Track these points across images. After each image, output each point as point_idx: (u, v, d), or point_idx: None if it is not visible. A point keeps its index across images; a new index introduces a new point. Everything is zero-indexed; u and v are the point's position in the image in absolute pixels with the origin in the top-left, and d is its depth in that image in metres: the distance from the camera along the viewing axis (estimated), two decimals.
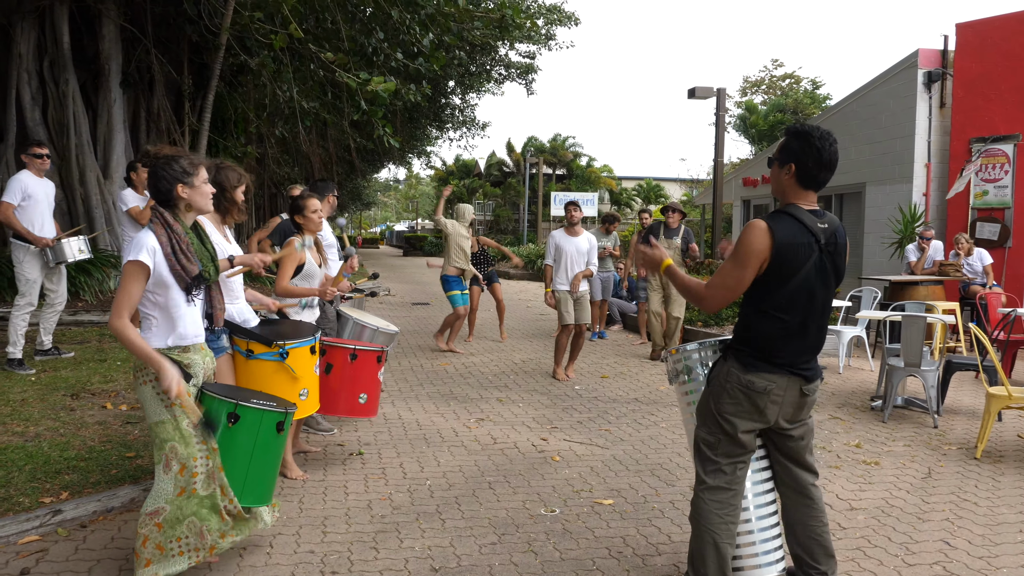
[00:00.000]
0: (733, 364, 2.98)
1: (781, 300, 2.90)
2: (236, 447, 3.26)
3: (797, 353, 2.95)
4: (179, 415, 3.07)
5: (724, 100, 14.69)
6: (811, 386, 2.98)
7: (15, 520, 3.73)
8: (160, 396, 3.06)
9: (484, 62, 24.44)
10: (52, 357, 7.12)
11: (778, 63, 50.83)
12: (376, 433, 5.79)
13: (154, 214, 3.13)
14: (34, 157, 6.76)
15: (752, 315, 2.98)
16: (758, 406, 2.94)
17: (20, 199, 6.57)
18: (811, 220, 2.91)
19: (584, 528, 4.04)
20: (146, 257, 3.00)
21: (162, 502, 3.05)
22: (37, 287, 6.77)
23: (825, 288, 2.96)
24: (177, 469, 3.06)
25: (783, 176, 2.99)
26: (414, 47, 11.22)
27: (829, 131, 2.94)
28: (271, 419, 3.36)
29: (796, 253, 2.86)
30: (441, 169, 53.46)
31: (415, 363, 8.80)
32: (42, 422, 5.23)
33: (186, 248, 3.10)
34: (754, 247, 2.86)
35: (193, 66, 12.04)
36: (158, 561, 3.02)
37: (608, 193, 43.61)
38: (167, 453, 3.07)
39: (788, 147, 2.97)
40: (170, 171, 3.12)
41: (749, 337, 2.98)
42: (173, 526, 3.04)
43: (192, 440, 3.08)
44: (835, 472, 5.01)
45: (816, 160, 2.89)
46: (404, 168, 50.20)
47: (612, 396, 7.24)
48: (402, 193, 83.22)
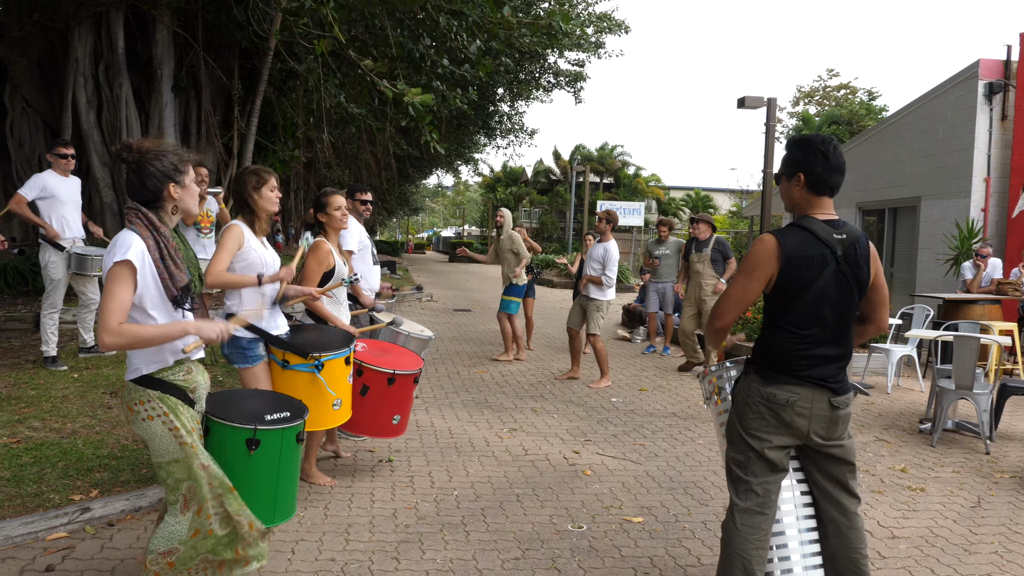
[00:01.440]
0: (753, 378, 2.90)
1: (796, 315, 2.81)
2: (260, 471, 3.07)
3: (820, 366, 2.83)
4: (191, 454, 2.78)
5: (774, 110, 14.37)
6: (840, 399, 2.85)
7: (44, 517, 3.77)
8: (172, 433, 2.76)
9: (533, 70, 24.42)
10: (95, 355, 7.25)
11: (833, 73, 49.77)
12: (408, 440, 5.75)
13: (133, 214, 2.74)
14: (59, 157, 6.88)
15: (769, 330, 2.90)
16: (783, 419, 2.83)
17: (36, 195, 6.69)
18: (825, 231, 2.81)
19: (611, 546, 3.93)
20: (134, 257, 2.62)
21: (175, 543, 2.82)
22: (62, 288, 6.89)
23: (846, 300, 2.83)
24: (195, 510, 2.82)
25: (794, 189, 2.91)
26: (461, 53, 11.23)
27: (830, 136, 2.85)
28: (291, 434, 3.18)
29: (808, 265, 2.77)
30: (488, 176, 53.63)
31: (452, 370, 8.77)
32: (79, 419, 5.32)
33: (174, 253, 2.75)
34: (760, 260, 2.80)
35: (243, 71, 12.24)
36: None
37: (656, 203, 43.22)
38: (184, 494, 2.82)
39: (792, 159, 2.90)
40: (160, 167, 2.75)
41: (767, 351, 2.89)
42: (186, 563, 2.86)
43: (203, 483, 2.81)
44: (877, 497, 4.81)
45: (824, 165, 2.82)
46: (452, 175, 50.45)
47: (649, 410, 7.10)
48: (450, 200, 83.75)
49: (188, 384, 2.85)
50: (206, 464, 2.82)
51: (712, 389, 3.29)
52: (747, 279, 2.84)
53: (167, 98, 11.18)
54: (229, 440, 2.98)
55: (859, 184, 15.67)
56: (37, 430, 5.04)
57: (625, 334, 12.18)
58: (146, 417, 2.75)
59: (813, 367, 2.82)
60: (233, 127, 12.16)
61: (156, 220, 2.74)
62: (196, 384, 2.90)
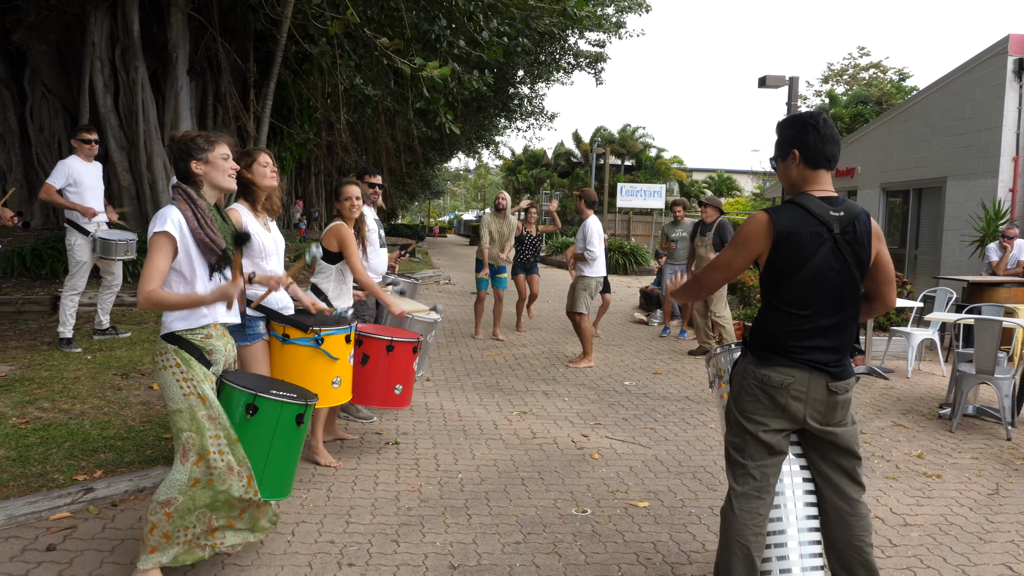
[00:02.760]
0: (749, 360, 2.84)
1: (791, 294, 2.73)
2: (254, 439, 3.14)
3: (817, 348, 2.74)
4: (196, 405, 2.99)
5: (796, 89, 14.12)
6: (839, 384, 2.76)
7: (48, 496, 3.79)
8: (180, 383, 2.99)
9: (553, 51, 24.19)
10: (109, 336, 7.30)
11: (864, 51, 48.92)
12: (415, 423, 5.73)
13: (176, 191, 3.08)
14: (83, 142, 6.91)
15: (765, 310, 2.84)
16: (778, 402, 2.75)
17: (65, 183, 6.73)
18: (821, 208, 2.72)
19: (614, 531, 3.88)
20: (172, 228, 2.93)
21: (175, 492, 2.97)
22: (86, 270, 6.94)
23: (844, 280, 2.74)
24: (194, 460, 2.99)
25: (791, 168, 2.84)
26: (477, 34, 11.13)
27: (818, 110, 2.80)
28: (291, 411, 3.22)
29: (802, 243, 2.69)
30: (509, 159, 53.46)
31: (464, 353, 8.74)
32: (88, 400, 5.35)
33: (211, 222, 3.03)
34: (749, 236, 2.76)
35: (259, 54, 12.22)
36: (163, 549, 2.96)
37: (677, 185, 42.84)
38: (184, 443, 3.01)
39: (784, 138, 2.86)
40: (184, 148, 3.09)
41: (762, 332, 2.82)
42: (183, 516, 2.98)
43: (206, 431, 2.99)
44: (891, 484, 4.70)
45: (816, 136, 2.76)
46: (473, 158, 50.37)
47: (662, 393, 7.02)
48: (471, 183, 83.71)
49: (205, 346, 3.07)
50: (214, 416, 3.01)
51: (716, 372, 3.22)
52: (733, 253, 2.82)
53: (183, 81, 11.19)
54: (231, 402, 3.13)
55: (884, 164, 15.38)
56: (46, 411, 5.08)
57: (642, 317, 12.08)
58: (163, 367, 3.03)
59: (809, 349, 2.73)
60: (249, 110, 12.16)
61: (194, 194, 3.07)
62: (213, 348, 3.10)
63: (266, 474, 3.18)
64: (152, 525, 2.96)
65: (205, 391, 3.01)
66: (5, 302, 8.27)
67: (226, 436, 3.03)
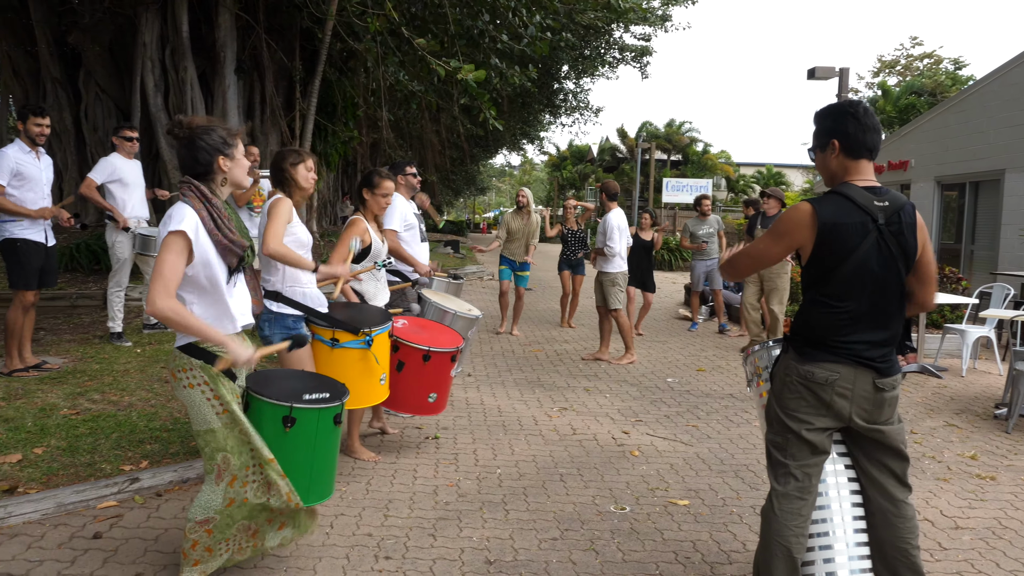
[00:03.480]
0: (791, 356, 2.75)
1: (835, 287, 2.65)
2: (296, 450, 3.05)
3: (862, 342, 2.65)
4: (228, 424, 2.86)
5: (847, 81, 13.79)
6: (886, 380, 2.67)
7: (95, 486, 3.88)
8: (210, 402, 2.83)
9: (598, 45, 24.01)
10: (159, 331, 7.47)
11: (917, 41, 47.59)
12: (455, 418, 5.73)
13: (187, 188, 2.83)
14: (124, 140, 7.05)
15: (807, 304, 2.74)
16: (822, 399, 2.67)
17: (106, 178, 6.87)
18: (865, 198, 2.63)
19: (653, 529, 3.83)
20: (188, 227, 2.69)
21: (212, 512, 2.90)
22: (127, 266, 7.08)
23: (889, 272, 2.64)
24: (228, 480, 2.89)
25: (830, 158, 2.75)
26: (520, 29, 11.08)
27: (857, 99, 2.70)
28: (328, 415, 3.16)
29: (846, 234, 2.60)
30: (554, 155, 53.32)
31: (506, 348, 8.73)
32: (137, 392, 5.47)
33: (228, 222, 2.83)
34: (790, 226, 2.68)
35: (304, 52, 12.36)
36: (206, 562, 2.94)
37: (725, 180, 42.26)
38: (219, 464, 2.89)
39: (823, 128, 2.77)
40: (210, 141, 2.82)
41: (805, 327, 2.74)
42: (223, 531, 2.93)
43: (244, 448, 2.89)
44: (943, 485, 4.55)
45: (856, 125, 2.67)
46: (518, 154, 50.33)
47: (706, 391, 6.92)
48: (516, 179, 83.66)
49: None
50: (246, 432, 2.87)
51: (754, 370, 3.14)
52: (771, 241, 2.75)
53: (230, 80, 11.38)
54: (266, 416, 2.99)
55: (938, 157, 14.94)
56: (96, 402, 5.21)
57: (686, 313, 11.93)
58: (187, 385, 2.83)
59: (853, 344, 2.64)
60: (295, 108, 12.31)
61: (208, 192, 2.82)
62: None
63: (313, 480, 3.14)
64: (193, 542, 2.90)
65: (234, 409, 2.86)
66: (59, 297, 8.52)
67: (259, 455, 2.90)
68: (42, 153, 6.01)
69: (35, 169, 5.84)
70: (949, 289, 9.24)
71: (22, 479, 3.92)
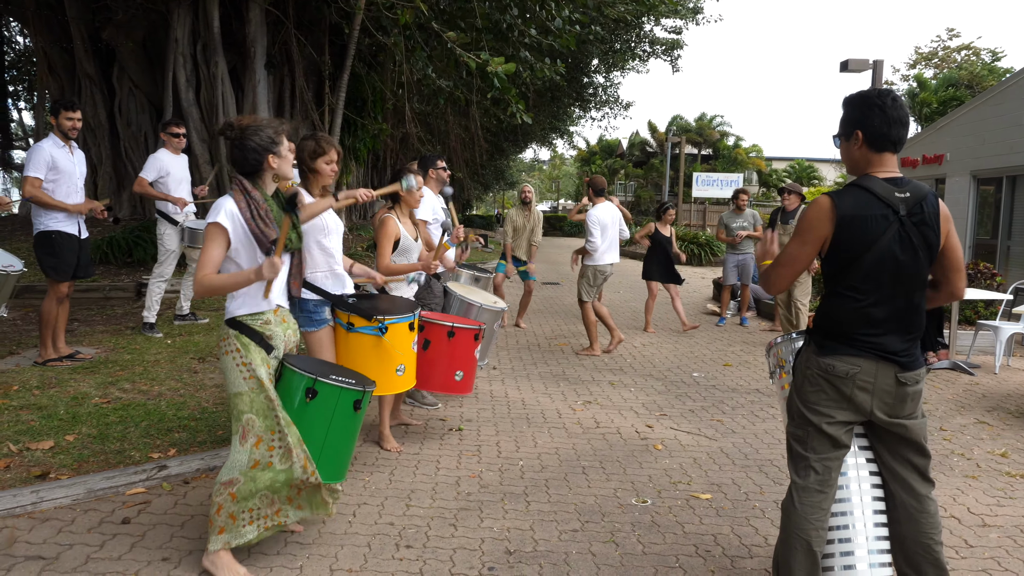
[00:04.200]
0: (812, 349, 2.73)
1: (855, 278, 2.61)
2: (312, 422, 3.20)
3: (883, 335, 2.61)
4: (255, 388, 3.05)
5: (881, 73, 13.57)
6: (909, 374, 2.63)
7: (124, 472, 3.97)
8: (240, 367, 3.06)
9: (628, 39, 23.87)
10: (189, 322, 7.59)
11: (953, 33, 46.62)
12: (479, 410, 5.76)
13: (233, 182, 3.11)
14: (172, 135, 7.18)
15: (828, 297, 2.72)
16: (843, 393, 2.64)
17: (156, 175, 7.01)
18: (885, 189, 2.59)
19: (674, 522, 3.81)
20: (224, 219, 2.99)
21: (236, 473, 3.05)
22: (174, 258, 7.22)
23: (911, 263, 2.60)
24: (253, 442, 3.06)
25: (853, 149, 2.71)
26: (549, 22, 11.06)
27: (887, 88, 2.63)
28: (348, 397, 3.28)
29: (866, 226, 2.56)
30: (584, 149, 53.15)
31: (532, 342, 8.74)
32: (166, 382, 5.57)
33: (264, 214, 3.06)
34: (812, 222, 2.64)
35: (333, 47, 12.45)
36: (230, 530, 3.05)
37: (756, 174, 41.82)
38: (244, 425, 3.07)
39: (848, 117, 2.71)
40: (259, 142, 3.08)
41: (825, 320, 2.71)
42: (246, 498, 3.05)
43: (269, 413, 3.06)
44: (971, 483, 4.48)
45: (882, 118, 2.61)
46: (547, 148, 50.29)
47: (732, 385, 6.87)
48: (546, 174, 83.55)
49: (264, 331, 3.13)
50: (272, 399, 3.06)
51: (777, 362, 3.12)
52: (799, 242, 2.69)
53: (260, 75, 11.50)
54: (292, 385, 3.19)
55: (974, 151, 14.64)
56: (127, 391, 5.32)
57: (715, 308, 11.84)
58: (224, 352, 3.11)
59: (875, 336, 2.61)
60: (324, 102, 12.41)
61: (250, 186, 3.10)
62: (273, 333, 3.16)
63: (323, 456, 3.24)
64: (218, 506, 3.04)
65: (261, 375, 3.05)
66: (93, 289, 8.69)
67: (283, 419, 3.08)
68: (75, 147, 6.13)
69: (68, 163, 5.96)
70: (983, 285, 9.06)
71: (54, 465, 4.02)
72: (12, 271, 4.87)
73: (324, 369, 3.38)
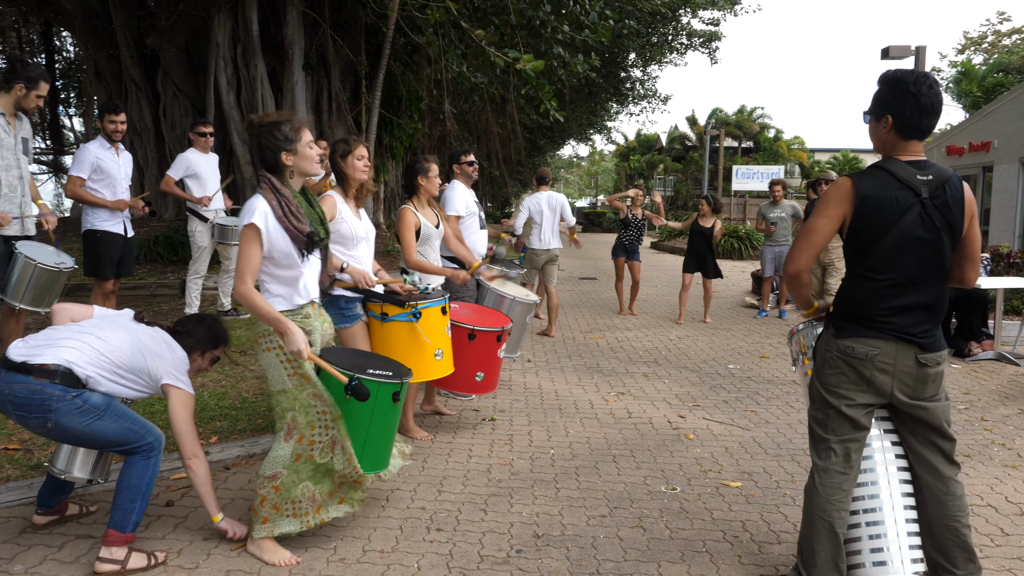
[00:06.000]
0: (832, 331, 2.75)
1: (875, 259, 2.62)
2: (353, 417, 3.26)
3: (903, 316, 2.61)
4: (299, 384, 3.14)
5: (924, 60, 13.30)
6: (929, 356, 2.62)
7: (169, 458, 4.10)
8: (283, 364, 3.13)
9: (665, 32, 23.69)
10: (231, 317, 7.78)
11: (1004, 16, 45.23)
12: (513, 401, 5.83)
13: (262, 180, 3.16)
14: (199, 135, 7.37)
15: (849, 279, 2.74)
16: (863, 375, 2.65)
17: (183, 174, 7.21)
18: (908, 172, 2.59)
19: (703, 509, 3.84)
20: (258, 219, 3.04)
21: (280, 467, 3.16)
22: (207, 255, 7.42)
23: (933, 245, 2.59)
24: (296, 438, 3.16)
25: (881, 130, 2.71)
26: (583, 17, 11.06)
27: (927, 73, 2.60)
28: (387, 391, 3.32)
29: (887, 207, 2.57)
30: (622, 145, 52.88)
31: (567, 336, 8.78)
32: (209, 374, 5.73)
33: (295, 210, 3.12)
34: (831, 199, 2.66)
35: (369, 47, 12.61)
36: (273, 520, 3.17)
37: (798, 166, 41.19)
38: (288, 422, 3.17)
39: (881, 98, 2.69)
40: (273, 140, 3.11)
41: (846, 301, 2.73)
42: (289, 490, 3.16)
43: (312, 410, 3.15)
44: (1010, 472, 4.41)
45: (914, 107, 2.59)
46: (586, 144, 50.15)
47: (768, 377, 6.83)
48: (584, 170, 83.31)
49: (304, 326, 3.19)
50: (318, 393, 3.14)
51: (799, 349, 3.13)
52: (816, 215, 2.72)
53: (298, 76, 11.72)
54: (332, 384, 3.20)
55: None
56: None
57: (753, 301, 11.74)
58: (265, 348, 3.18)
59: (894, 317, 2.61)
60: (360, 102, 12.59)
61: (279, 183, 3.14)
62: (312, 328, 3.24)
63: (366, 450, 3.30)
64: (262, 498, 3.16)
65: (307, 370, 3.13)
66: (140, 286, 8.96)
67: (331, 412, 3.17)
68: (121, 149, 6.34)
69: (114, 164, 6.17)
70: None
71: None
72: (64, 268, 5.07)
73: (361, 362, 3.43)
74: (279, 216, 3.08)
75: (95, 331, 3.12)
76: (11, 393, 2.89)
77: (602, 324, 9.70)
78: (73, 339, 3.05)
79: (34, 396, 2.88)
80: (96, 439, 3.02)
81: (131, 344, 3.14)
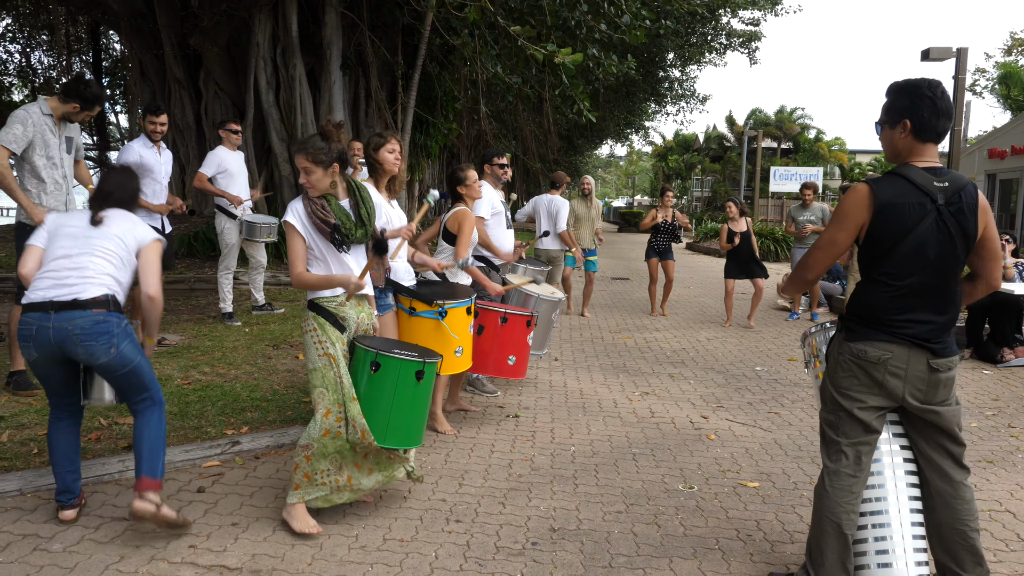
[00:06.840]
0: (844, 335, 2.79)
1: (890, 265, 2.66)
2: (379, 392, 3.52)
3: (917, 322, 2.64)
4: (328, 364, 3.40)
5: (965, 61, 13.07)
6: (941, 361, 2.65)
7: (201, 447, 4.29)
8: (315, 345, 3.43)
9: (704, 32, 23.56)
10: (266, 312, 8.00)
11: None
12: (537, 398, 5.91)
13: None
14: (229, 132, 7.57)
15: (864, 283, 2.76)
16: (875, 378, 2.68)
17: (215, 171, 7.41)
18: (924, 178, 2.62)
19: (718, 507, 3.88)
20: (291, 217, 3.43)
21: (311, 440, 3.43)
22: (235, 251, 7.63)
23: (947, 251, 2.62)
24: (323, 413, 3.41)
25: (897, 137, 2.73)
26: (617, 18, 11.09)
27: (936, 80, 2.67)
28: (409, 368, 3.55)
29: (903, 214, 2.61)
30: (660, 145, 52.62)
31: (595, 335, 8.83)
32: (242, 366, 5.93)
33: (318, 210, 3.43)
34: (849, 208, 2.70)
35: (406, 48, 12.79)
36: (305, 487, 3.44)
37: (838, 168, 40.61)
38: (316, 397, 3.44)
39: (896, 105, 2.73)
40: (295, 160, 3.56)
41: (859, 305, 2.76)
42: (319, 459, 3.44)
43: (338, 387, 3.41)
44: None
45: (932, 109, 2.63)
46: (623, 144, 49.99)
47: (794, 380, 6.82)
48: (622, 170, 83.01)
49: (339, 312, 3.48)
50: (341, 375, 3.41)
51: (811, 351, 3.16)
52: (836, 228, 2.75)
53: (336, 76, 11.93)
54: (360, 361, 3.53)
55: None
56: (206, 374, 5.69)
57: (786, 304, 11.66)
58: (304, 331, 3.52)
59: (908, 323, 2.65)
60: (397, 102, 12.77)
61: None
62: (346, 315, 3.51)
63: (391, 423, 3.54)
64: (296, 466, 3.45)
65: (335, 352, 3.41)
66: (179, 280, 9.23)
67: (347, 395, 3.41)
68: (163, 148, 6.56)
69: (155, 162, 6.39)
70: None
71: None
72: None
73: (389, 345, 3.70)
74: (308, 213, 3.44)
75: (91, 254, 3.32)
76: (75, 327, 3.16)
77: (631, 324, 9.74)
78: (87, 268, 3.27)
79: (99, 326, 3.19)
80: (136, 373, 3.32)
81: (116, 248, 3.41)
